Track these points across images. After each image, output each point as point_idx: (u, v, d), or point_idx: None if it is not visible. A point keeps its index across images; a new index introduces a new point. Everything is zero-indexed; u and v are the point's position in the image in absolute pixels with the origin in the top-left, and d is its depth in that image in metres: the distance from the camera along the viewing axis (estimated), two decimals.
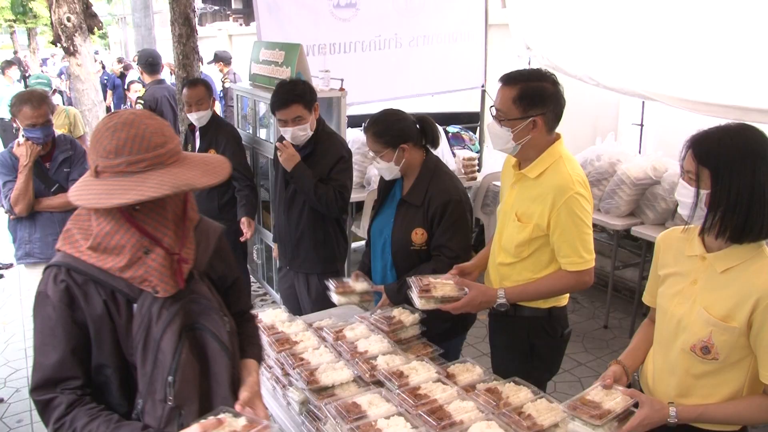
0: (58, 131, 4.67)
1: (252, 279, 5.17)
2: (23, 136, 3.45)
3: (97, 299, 1.42)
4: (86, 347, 1.42)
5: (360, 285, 2.66)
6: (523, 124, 2.16)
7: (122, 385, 1.47)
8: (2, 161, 3.48)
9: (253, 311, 1.92)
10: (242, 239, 3.97)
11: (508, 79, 2.19)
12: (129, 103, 7.32)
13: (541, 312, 2.35)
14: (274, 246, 3.70)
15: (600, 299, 5.13)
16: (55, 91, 4.45)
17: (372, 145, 2.66)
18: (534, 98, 2.14)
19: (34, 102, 3.39)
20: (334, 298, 2.63)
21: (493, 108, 2.24)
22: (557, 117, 2.21)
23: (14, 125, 4.25)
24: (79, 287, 1.41)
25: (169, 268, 1.43)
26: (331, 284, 2.64)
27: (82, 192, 1.35)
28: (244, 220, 3.96)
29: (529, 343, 2.38)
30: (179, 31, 4.71)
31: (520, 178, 2.30)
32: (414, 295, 2.26)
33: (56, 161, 3.59)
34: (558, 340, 2.43)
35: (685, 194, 1.75)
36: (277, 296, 4.48)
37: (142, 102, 5.53)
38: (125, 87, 9.10)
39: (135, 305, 1.43)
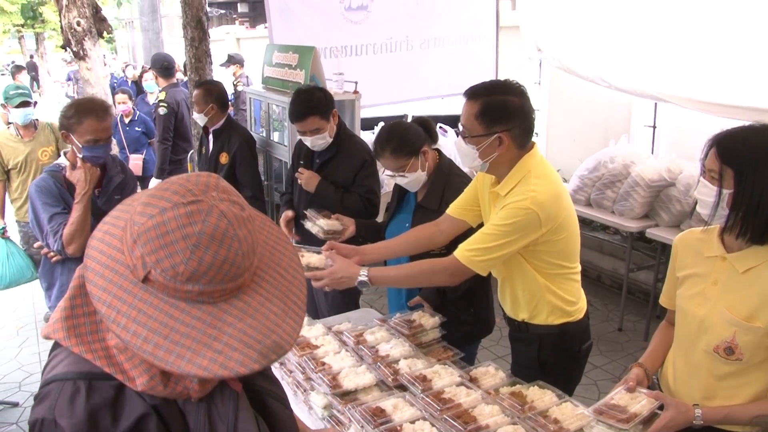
0: (43, 151, 4.34)
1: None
2: (81, 157, 2.75)
3: (132, 410, 0.99)
4: None
5: (330, 222, 2.89)
6: (488, 141, 2.02)
7: None
8: (46, 189, 2.77)
9: None
10: None
11: (471, 94, 2.05)
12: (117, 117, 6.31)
13: (553, 329, 2.23)
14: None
15: (613, 302, 5.10)
16: (35, 103, 4.37)
17: (394, 162, 2.59)
18: (497, 113, 2.00)
19: (100, 112, 2.74)
20: (307, 224, 2.96)
21: (460, 124, 2.13)
22: (526, 131, 2.06)
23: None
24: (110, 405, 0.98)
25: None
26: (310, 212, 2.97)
27: (121, 308, 0.89)
28: None
29: (539, 361, 2.28)
30: (191, 35, 4.72)
31: (494, 198, 2.19)
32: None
33: (108, 188, 2.91)
34: (574, 355, 2.31)
35: (706, 193, 1.74)
36: None
37: (165, 105, 5.51)
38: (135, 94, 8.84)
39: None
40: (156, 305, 0.89)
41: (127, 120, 6.31)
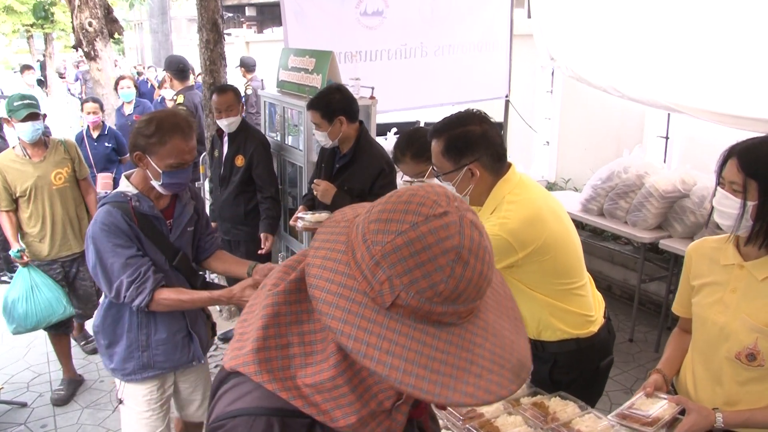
0: (56, 174, 3.74)
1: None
2: (160, 184, 2.26)
3: None
4: None
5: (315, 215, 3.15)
6: (460, 175, 2.01)
7: None
8: (114, 227, 2.20)
9: None
10: (260, 252, 3.98)
11: (434, 132, 2.04)
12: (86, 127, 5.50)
13: (566, 345, 2.16)
14: None
15: (624, 312, 5.08)
16: (44, 116, 3.70)
17: (414, 168, 2.63)
18: (461, 146, 1.98)
19: (186, 129, 2.23)
20: (298, 224, 3.17)
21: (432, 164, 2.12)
22: (496, 157, 2.02)
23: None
24: None
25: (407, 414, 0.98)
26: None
27: (370, 341, 0.80)
28: (262, 235, 3.99)
29: (552, 381, 2.20)
30: (206, 37, 4.72)
31: None
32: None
33: (180, 220, 2.42)
34: (592, 373, 2.24)
35: (727, 205, 1.75)
36: None
37: (184, 109, 5.49)
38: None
39: None
40: (406, 333, 0.80)
41: (95, 134, 5.40)
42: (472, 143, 1.99)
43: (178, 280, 2.41)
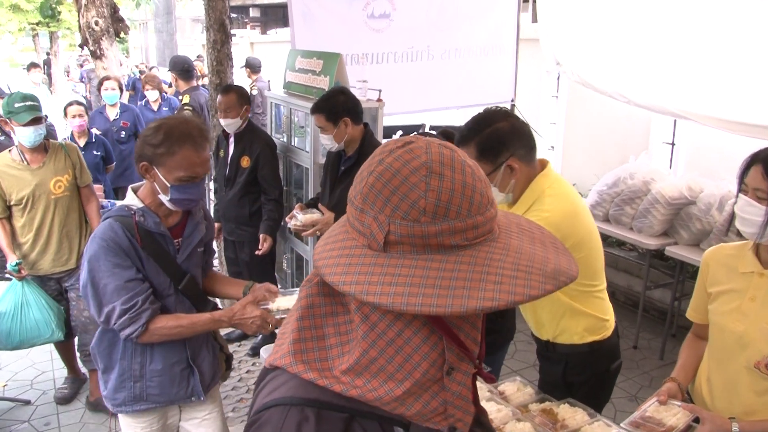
0: (56, 182, 3.42)
1: (279, 287, 5.15)
2: (168, 199, 2.04)
3: None
4: None
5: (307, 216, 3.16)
6: (500, 173, 1.99)
7: None
8: (115, 244, 1.99)
9: None
10: (257, 253, 3.98)
11: (462, 139, 2.02)
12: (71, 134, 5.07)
13: (580, 348, 2.18)
14: None
15: (628, 319, 5.06)
16: (46, 117, 3.33)
17: None
18: (494, 145, 1.97)
19: (198, 138, 2.01)
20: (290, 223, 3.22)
21: None
22: (529, 147, 2.02)
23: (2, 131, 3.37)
24: None
25: (471, 390, 0.95)
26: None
27: (371, 280, 0.79)
28: (261, 236, 3.99)
29: (566, 382, 2.24)
30: (214, 37, 4.72)
31: None
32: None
33: (191, 240, 2.19)
34: (603, 375, 2.27)
35: (751, 212, 1.74)
36: None
37: (190, 108, 5.49)
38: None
39: None
40: (409, 265, 0.79)
41: (81, 142, 4.96)
42: (505, 139, 1.97)
43: (183, 306, 2.18)
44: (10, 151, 3.45)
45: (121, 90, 5.91)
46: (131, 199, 2.09)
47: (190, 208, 2.15)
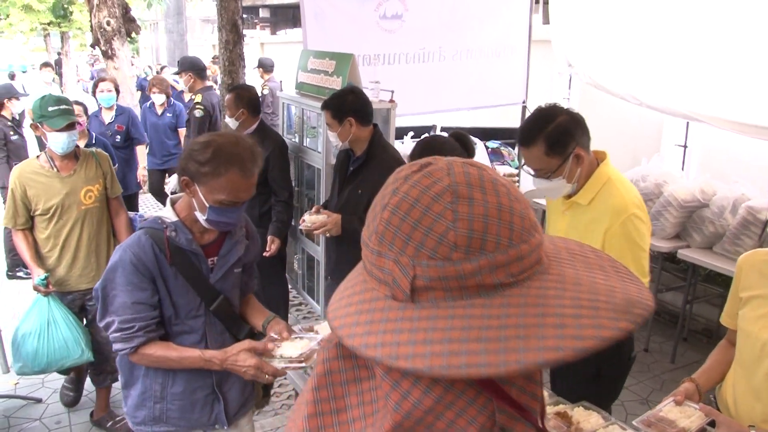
0: (88, 191, 3.22)
1: (290, 288, 5.16)
2: (205, 219, 1.92)
3: None
4: None
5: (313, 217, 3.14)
6: (568, 165, 2.12)
7: None
8: (139, 261, 1.90)
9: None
10: (264, 254, 3.96)
11: (525, 140, 2.13)
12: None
13: None
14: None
15: None
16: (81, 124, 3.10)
17: None
18: (561, 139, 2.10)
19: (248, 163, 1.86)
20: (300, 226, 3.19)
21: (529, 169, 2.19)
22: (589, 136, 2.18)
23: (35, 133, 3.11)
24: None
25: None
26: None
27: (400, 339, 0.64)
28: (269, 238, 3.97)
29: (596, 367, 2.32)
30: (226, 38, 4.74)
31: (570, 206, 2.28)
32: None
33: (227, 260, 2.06)
34: (625, 364, 2.39)
35: None
36: (317, 306, 4.46)
37: (202, 108, 5.49)
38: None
39: None
40: (445, 316, 0.64)
41: (81, 143, 4.53)
42: (569, 131, 2.10)
43: (214, 328, 2.08)
44: (38, 157, 3.26)
45: (118, 91, 5.77)
46: (167, 211, 2.00)
47: (226, 230, 2.04)
